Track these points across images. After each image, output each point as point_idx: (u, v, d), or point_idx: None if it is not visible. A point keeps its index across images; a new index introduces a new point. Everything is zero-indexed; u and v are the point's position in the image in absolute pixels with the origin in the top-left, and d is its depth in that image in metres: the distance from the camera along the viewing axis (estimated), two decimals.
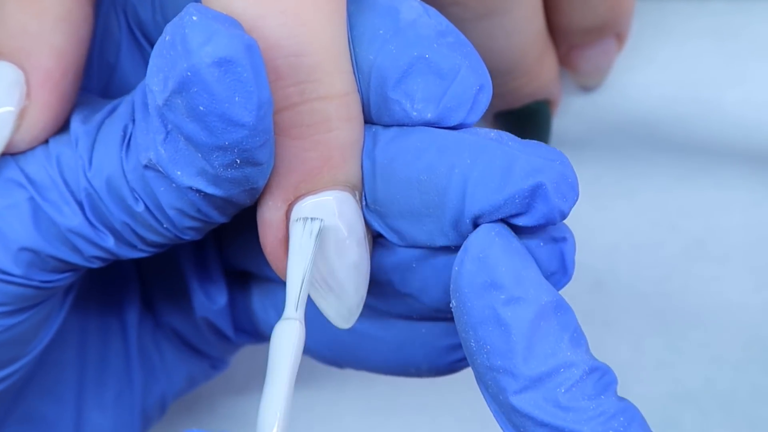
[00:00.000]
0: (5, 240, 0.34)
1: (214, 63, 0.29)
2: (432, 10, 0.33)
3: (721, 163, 0.46)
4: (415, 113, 0.32)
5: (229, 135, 0.30)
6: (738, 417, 0.46)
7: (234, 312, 0.40)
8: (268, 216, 0.33)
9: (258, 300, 0.39)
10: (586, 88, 0.46)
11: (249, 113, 0.30)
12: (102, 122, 0.34)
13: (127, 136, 0.33)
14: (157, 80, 0.30)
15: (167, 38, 0.30)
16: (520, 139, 0.32)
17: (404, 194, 0.32)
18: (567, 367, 0.31)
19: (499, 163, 0.31)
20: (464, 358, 0.36)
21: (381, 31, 0.32)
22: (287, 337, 0.31)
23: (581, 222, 0.47)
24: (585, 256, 0.47)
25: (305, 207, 0.32)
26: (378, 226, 0.33)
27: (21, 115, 0.34)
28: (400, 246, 0.34)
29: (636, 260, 0.47)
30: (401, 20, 0.32)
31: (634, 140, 0.46)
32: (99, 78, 0.37)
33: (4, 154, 0.34)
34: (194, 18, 0.29)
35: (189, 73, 0.29)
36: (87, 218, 0.34)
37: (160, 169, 0.32)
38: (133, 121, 0.33)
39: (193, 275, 0.39)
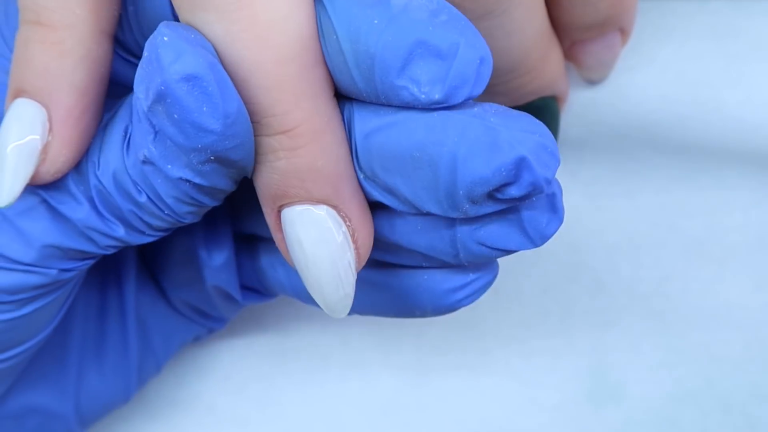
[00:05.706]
0: (28, 239, 0.38)
1: (182, 78, 0.33)
2: None
3: (721, 163, 0.46)
4: (423, 96, 0.34)
5: (200, 139, 0.34)
6: (738, 417, 0.46)
7: (241, 272, 0.44)
8: (268, 220, 0.37)
9: (266, 258, 0.43)
10: (591, 82, 0.46)
11: (216, 121, 0.34)
12: (107, 125, 0.37)
13: (128, 135, 0.36)
14: (141, 89, 0.34)
15: (146, 54, 0.34)
16: (504, 110, 0.34)
17: (400, 169, 0.35)
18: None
19: (484, 139, 0.33)
20: (464, 299, 0.38)
21: (375, 21, 0.34)
22: None
23: (581, 222, 0.47)
24: (585, 256, 0.47)
25: (284, 215, 0.36)
26: (378, 195, 0.36)
27: (44, 149, 0.37)
28: (399, 211, 0.36)
29: (636, 260, 0.47)
30: (393, 7, 0.34)
31: (634, 140, 0.46)
32: None
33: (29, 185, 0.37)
34: (165, 39, 0.33)
35: (163, 87, 0.33)
36: (99, 212, 0.37)
37: (154, 163, 0.35)
38: (132, 121, 0.36)
39: (201, 239, 0.43)
